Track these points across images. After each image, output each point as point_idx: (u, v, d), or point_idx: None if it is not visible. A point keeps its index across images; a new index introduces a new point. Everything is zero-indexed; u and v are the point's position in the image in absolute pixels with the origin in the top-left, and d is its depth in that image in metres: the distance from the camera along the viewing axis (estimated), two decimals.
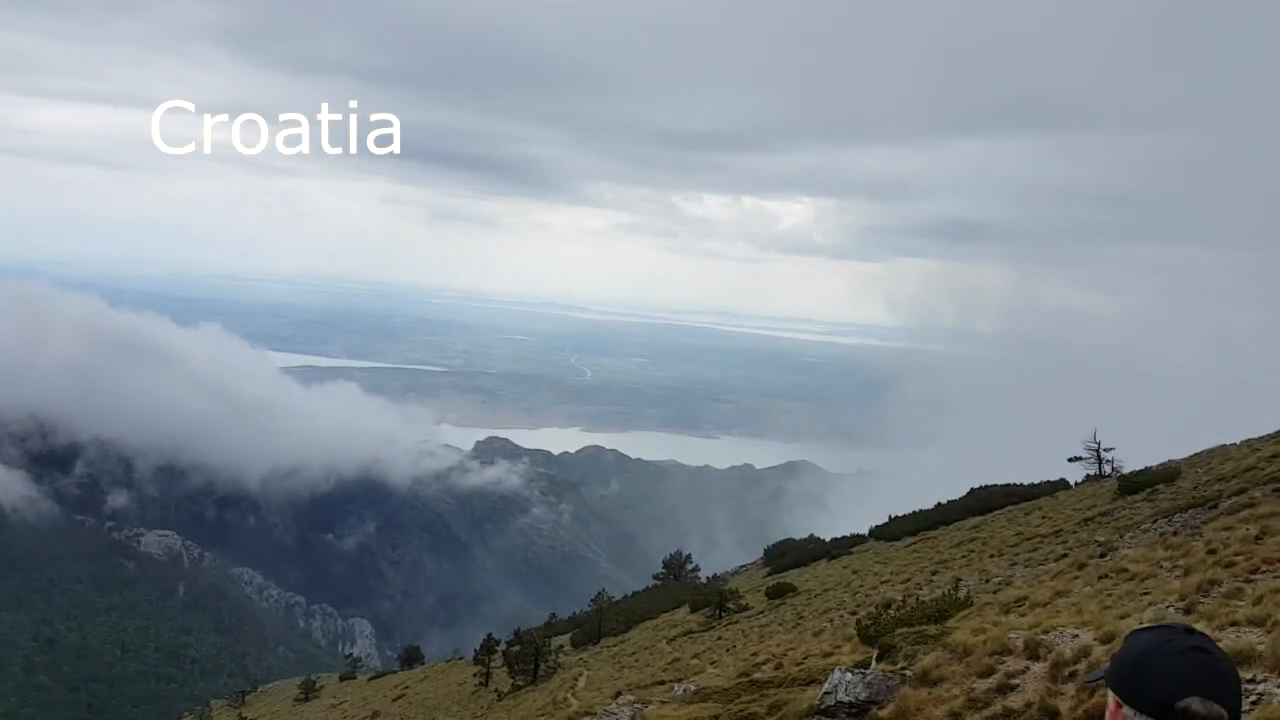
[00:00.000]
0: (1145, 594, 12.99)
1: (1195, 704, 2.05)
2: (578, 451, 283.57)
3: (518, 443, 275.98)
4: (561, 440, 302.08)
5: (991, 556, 26.96)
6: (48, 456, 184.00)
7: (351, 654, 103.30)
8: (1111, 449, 37.91)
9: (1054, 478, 41.38)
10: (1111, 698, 2.12)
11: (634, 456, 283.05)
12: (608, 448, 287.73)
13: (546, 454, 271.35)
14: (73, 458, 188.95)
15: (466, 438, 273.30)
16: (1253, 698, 7.51)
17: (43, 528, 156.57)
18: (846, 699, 11.24)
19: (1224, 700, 2.06)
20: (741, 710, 13.15)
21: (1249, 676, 7.92)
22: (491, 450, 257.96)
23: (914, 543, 38.46)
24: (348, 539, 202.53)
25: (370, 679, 61.32)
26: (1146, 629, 2.23)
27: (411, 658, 65.20)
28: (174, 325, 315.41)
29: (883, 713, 10.56)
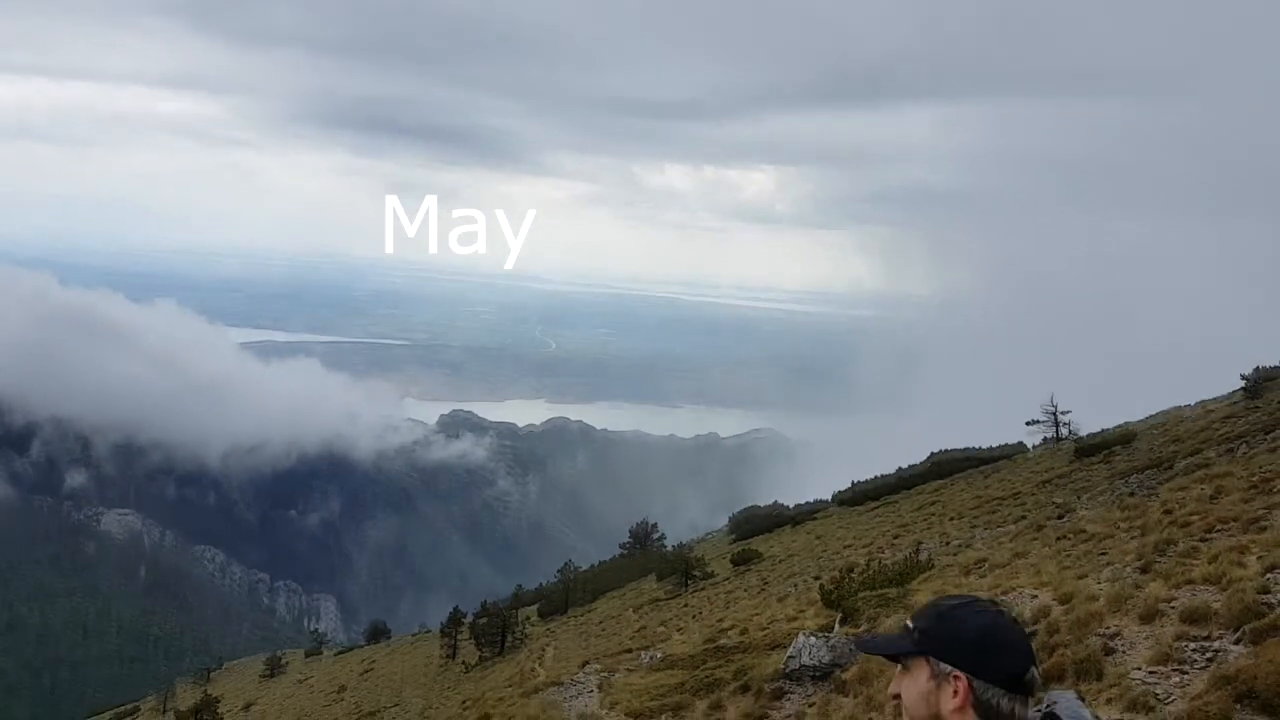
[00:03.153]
0: (1102, 554, 13.15)
1: (1037, 674, 2.18)
2: (543, 424, 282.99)
3: (483, 416, 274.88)
4: (527, 413, 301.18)
5: (952, 520, 27.28)
6: (3, 437, 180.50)
7: (317, 630, 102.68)
8: (1069, 412, 38.48)
9: (1013, 441, 41.94)
10: (950, 673, 2.10)
11: (599, 428, 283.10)
12: (573, 420, 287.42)
13: (512, 427, 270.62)
14: (29, 437, 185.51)
15: (431, 412, 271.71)
16: (1209, 655, 7.61)
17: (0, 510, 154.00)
18: (810, 662, 11.31)
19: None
20: (707, 676, 13.20)
21: (1205, 634, 8.02)
22: (456, 424, 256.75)
23: (876, 508, 38.91)
24: (311, 516, 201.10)
25: (336, 655, 61.07)
26: (958, 602, 2.22)
27: (378, 633, 65.01)
28: (128, 302, 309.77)
29: (846, 675, 10.62)
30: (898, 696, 2.21)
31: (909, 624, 2.21)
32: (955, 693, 2.12)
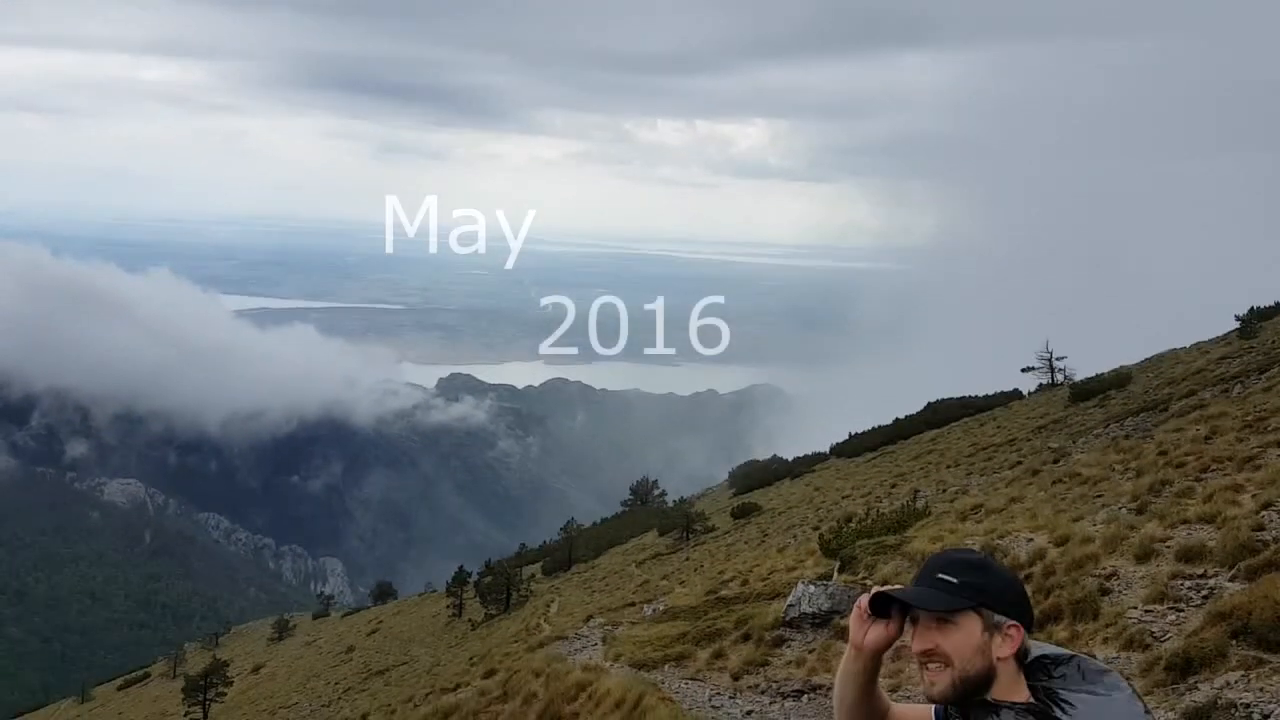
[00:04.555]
0: (1098, 497, 13.24)
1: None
2: (542, 385, 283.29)
3: (481, 378, 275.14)
4: (525, 374, 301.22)
5: (948, 467, 27.43)
6: (2, 410, 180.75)
7: (323, 592, 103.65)
8: (1064, 358, 38.55)
9: (1008, 388, 42.05)
10: (1006, 624, 2.15)
11: (598, 387, 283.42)
12: (571, 380, 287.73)
13: (511, 388, 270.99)
14: (29, 409, 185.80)
15: (429, 375, 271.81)
16: (1205, 592, 7.68)
17: (3, 481, 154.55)
18: (810, 610, 11.43)
19: None
20: (709, 626, 13.34)
21: (1200, 572, 8.10)
22: (455, 387, 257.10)
23: (874, 458, 39.09)
24: (314, 480, 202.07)
25: (344, 616, 61.67)
26: (976, 555, 2.26)
27: (384, 593, 65.62)
28: (121, 271, 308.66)
29: (844, 621, 10.73)
30: (932, 651, 2.17)
31: (946, 578, 2.17)
32: (1011, 641, 2.15)
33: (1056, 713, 2.05)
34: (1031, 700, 2.10)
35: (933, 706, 2.33)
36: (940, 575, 2.19)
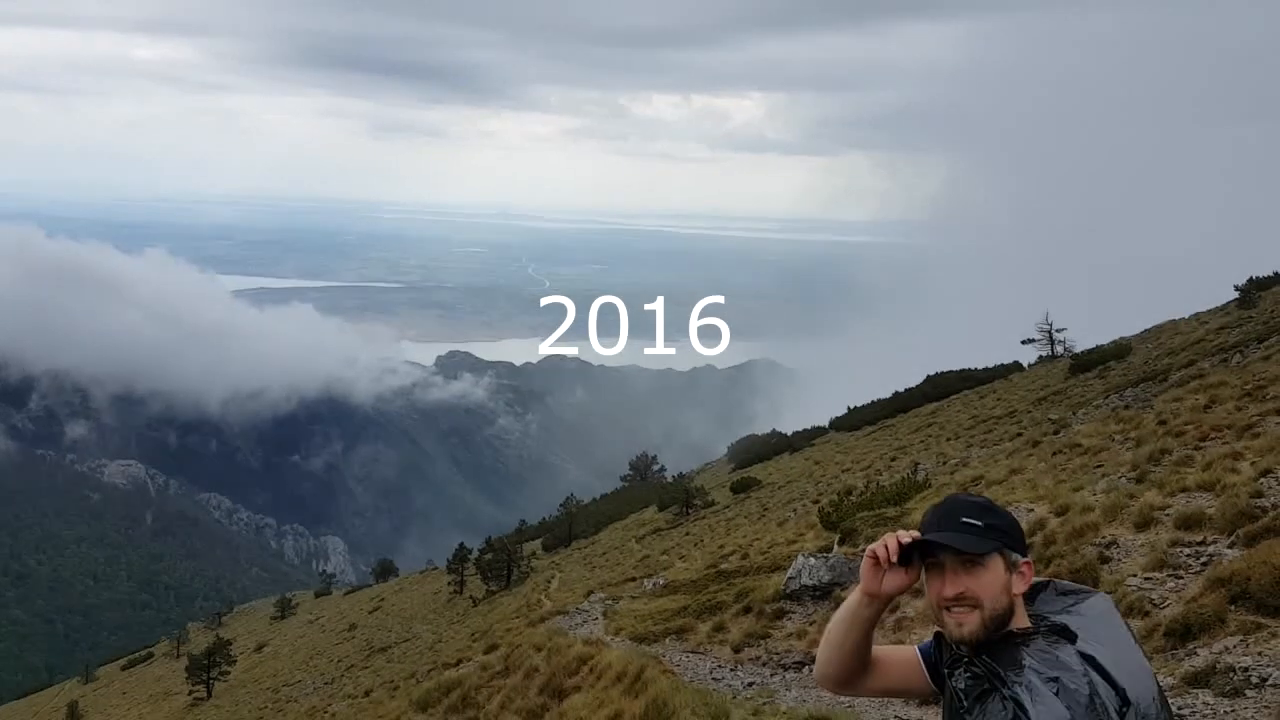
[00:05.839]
0: (1098, 466, 13.24)
1: None
2: (540, 361, 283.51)
3: (480, 356, 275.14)
4: (523, 351, 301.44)
5: (948, 440, 27.45)
6: (1, 392, 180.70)
7: (325, 571, 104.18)
8: (1063, 330, 38.51)
9: (1008, 361, 42.04)
10: (1021, 562, 2.25)
11: (596, 364, 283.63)
12: (569, 356, 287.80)
13: (509, 365, 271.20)
14: (27, 391, 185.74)
15: (428, 353, 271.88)
16: (1203, 559, 7.69)
17: (3, 464, 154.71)
18: (810, 582, 11.46)
19: None
20: (709, 599, 13.38)
21: (1199, 539, 8.10)
22: (454, 365, 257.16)
23: (873, 431, 39.13)
24: (314, 459, 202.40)
25: (346, 594, 62.00)
26: (977, 497, 2.34)
27: (386, 571, 65.92)
28: (117, 252, 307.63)
29: (845, 593, 10.76)
30: (962, 595, 2.22)
31: (972, 522, 2.22)
32: (1025, 578, 2.25)
33: (1066, 621, 2.17)
34: (1040, 624, 2.21)
35: (916, 646, 2.42)
36: (965, 519, 2.24)
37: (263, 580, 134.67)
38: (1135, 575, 7.84)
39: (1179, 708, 5.61)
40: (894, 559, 2.24)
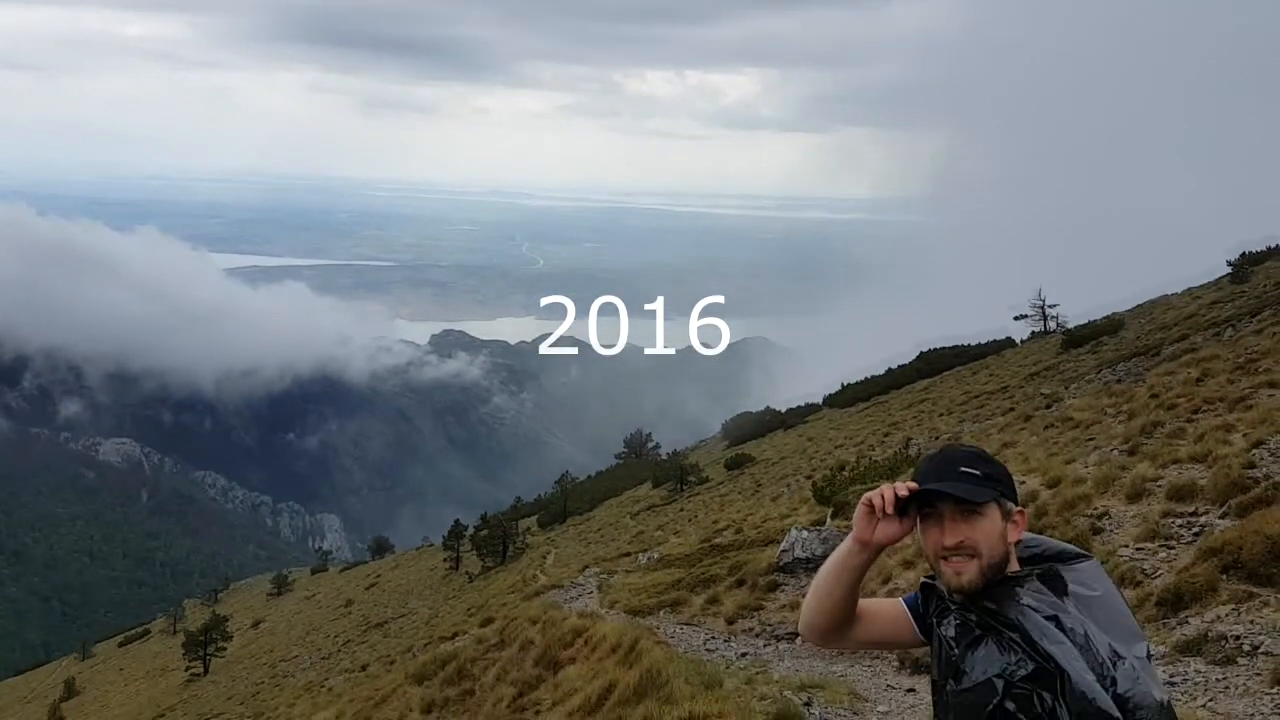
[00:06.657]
0: (1090, 439, 13.28)
1: None
2: (534, 340, 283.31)
3: (474, 334, 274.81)
4: (518, 330, 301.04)
5: (941, 415, 27.52)
6: None
7: (322, 548, 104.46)
8: (1056, 305, 38.55)
9: (1001, 336, 42.08)
10: (1016, 510, 2.27)
11: (590, 342, 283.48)
12: (565, 334, 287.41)
13: (504, 344, 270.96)
14: (20, 370, 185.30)
15: (422, 332, 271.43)
16: (1195, 529, 7.72)
17: None
18: (803, 555, 11.50)
19: None
20: (703, 573, 13.43)
21: (1191, 510, 8.13)
22: (449, 343, 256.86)
23: (866, 408, 39.21)
24: (309, 437, 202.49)
25: (342, 570, 62.19)
26: (974, 448, 2.35)
27: (382, 548, 66.11)
28: (109, 230, 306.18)
29: None
30: (961, 544, 2.22)
31: (970, 471, 2.22)
32: (1018, 527, 2.27)
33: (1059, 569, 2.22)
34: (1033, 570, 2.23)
35: (901, 599, 2.43)
36: (964, 469, 2.24)
37: (259, 558, 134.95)
38: (1127, 546, 7.88)
39: (1171, 675, 5.64)
40: (890, 510, 2.23)
